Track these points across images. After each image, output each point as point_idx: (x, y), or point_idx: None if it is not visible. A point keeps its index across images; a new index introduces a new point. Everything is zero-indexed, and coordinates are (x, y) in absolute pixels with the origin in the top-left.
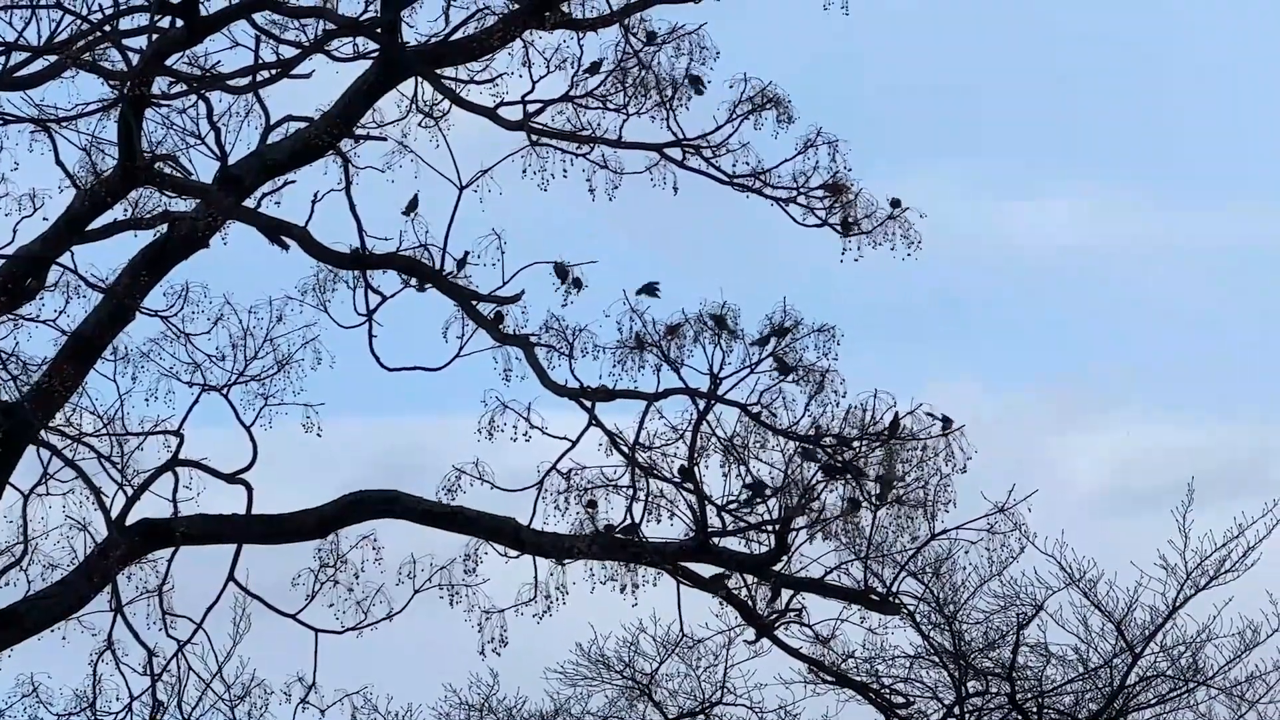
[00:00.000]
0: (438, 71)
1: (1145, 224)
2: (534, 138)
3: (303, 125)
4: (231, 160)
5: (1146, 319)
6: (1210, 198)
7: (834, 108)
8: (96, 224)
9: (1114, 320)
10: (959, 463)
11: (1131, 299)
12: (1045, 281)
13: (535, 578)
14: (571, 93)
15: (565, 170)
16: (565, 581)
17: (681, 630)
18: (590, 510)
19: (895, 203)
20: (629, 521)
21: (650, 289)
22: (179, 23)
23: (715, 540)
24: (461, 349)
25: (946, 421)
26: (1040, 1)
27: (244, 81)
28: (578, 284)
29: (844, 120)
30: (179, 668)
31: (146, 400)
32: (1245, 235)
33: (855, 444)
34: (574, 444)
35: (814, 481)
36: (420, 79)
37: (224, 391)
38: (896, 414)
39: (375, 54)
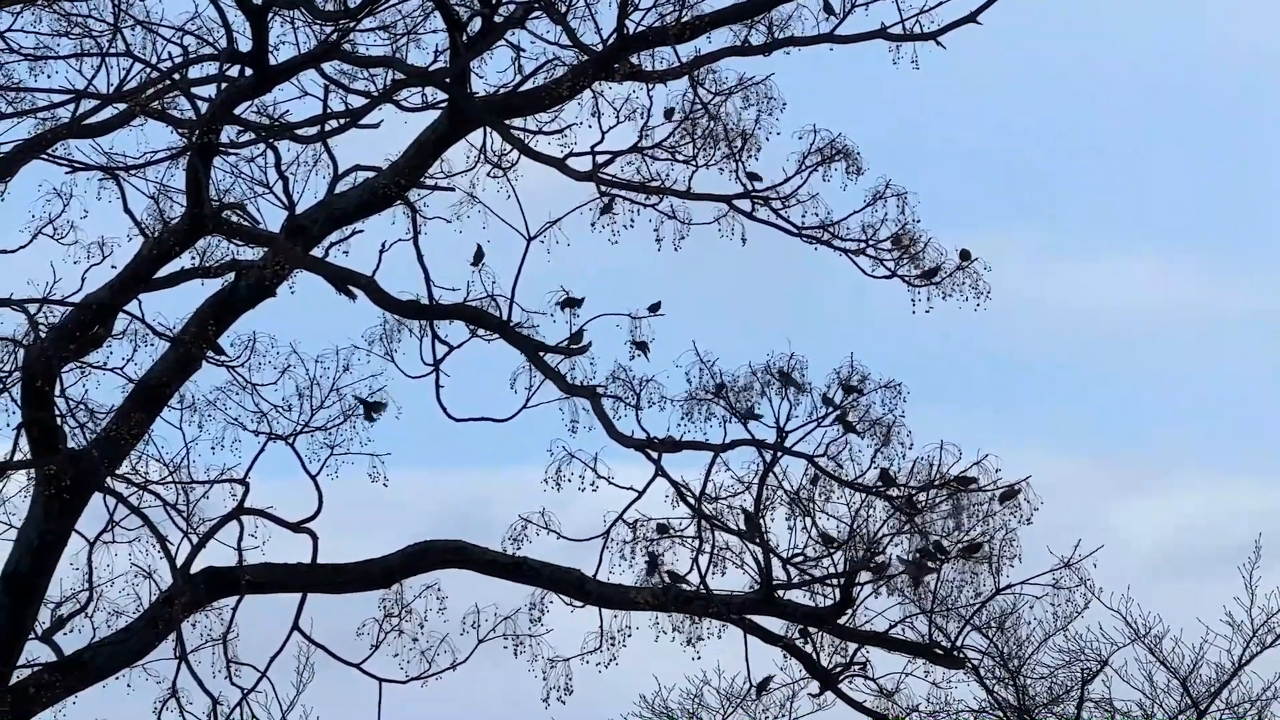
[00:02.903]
0: (506, 122)
1: (1206, 289)
2: (603, 188)
3: (371, 175)
4: (299, 209)
5: (1206, 384)
6: (1270, 263)
7: (900, 168)
8: (164, 272)
9: (1174, 385)
10: (1025, 514)
11: (1191, 364)
12: (1106, 346)
13: (600, 627)
14: (640, 144)
15: (633, 221)
16: (629, 625)
17: (749, 682)
18: (650, 564)
19: (965, 254)
20: (695, 573)
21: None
22: (248, 72)
23: (780, 593)
24: (529, 400)
25: (1011, 492)
26: (1105, 66)
27: (312, 131)
28: (643, 348)
29: (909, 180)
30: (243, 716)
31: (212, 449)
32: None
33: (923, 493)
34: (640, 495)
35: (880, 535)
36: (489, 129)
37: (290, 441)
38: (971, 478)
39: (444, 104)
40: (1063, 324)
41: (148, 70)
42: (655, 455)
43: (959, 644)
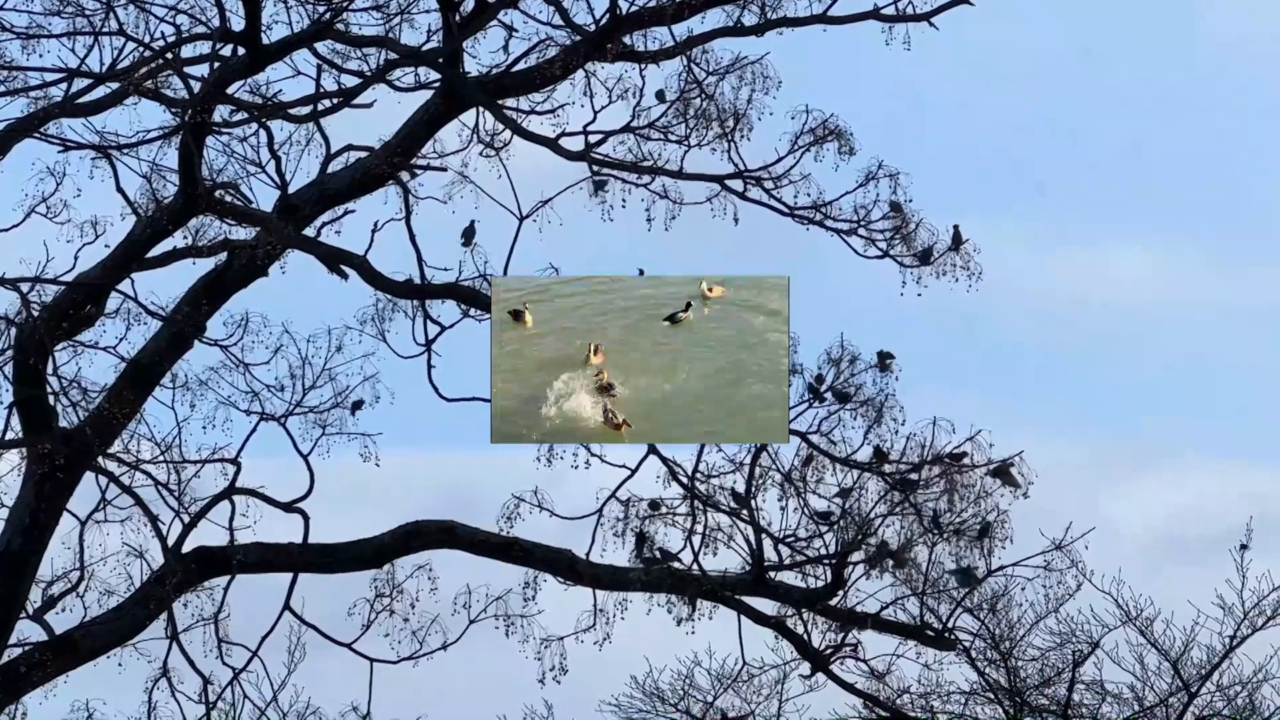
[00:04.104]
0: (499, 102)
1: (1204, 278)
2: (595, 168)
3: (363, 154)
4: (292, 189)
5: (1201, 374)
6: (1270, 255)
7: (894, 150)
8: (156, 251)
9: (1168, 375)
10: (1021, 489)
11: (1187, 354)
12: (1100, 335)
13: (594, 606)
14: (633, 123)
15: (625, 201)
16: (625, 599)
17: (743, 661)
18: (639, 541)
19: (957, 234)
20: (688, 552)
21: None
22: (241, 51)
23: (772, 574)
24: None
25: (1004, 468)
26: (1100, 56)
27: (305, 110)
28: None
29: (903, 163)
30: (234, 696)
31: (204, 428)
32: None
33: (917, 470)
34: (633, 473)
35: (873, 514)
36: (482, 109)
37: (282, 421)
38: (963, 453)
39: (437, 84)
40: (1059, 310)
41: (140, 49)
42: None
43: (950, 625)
